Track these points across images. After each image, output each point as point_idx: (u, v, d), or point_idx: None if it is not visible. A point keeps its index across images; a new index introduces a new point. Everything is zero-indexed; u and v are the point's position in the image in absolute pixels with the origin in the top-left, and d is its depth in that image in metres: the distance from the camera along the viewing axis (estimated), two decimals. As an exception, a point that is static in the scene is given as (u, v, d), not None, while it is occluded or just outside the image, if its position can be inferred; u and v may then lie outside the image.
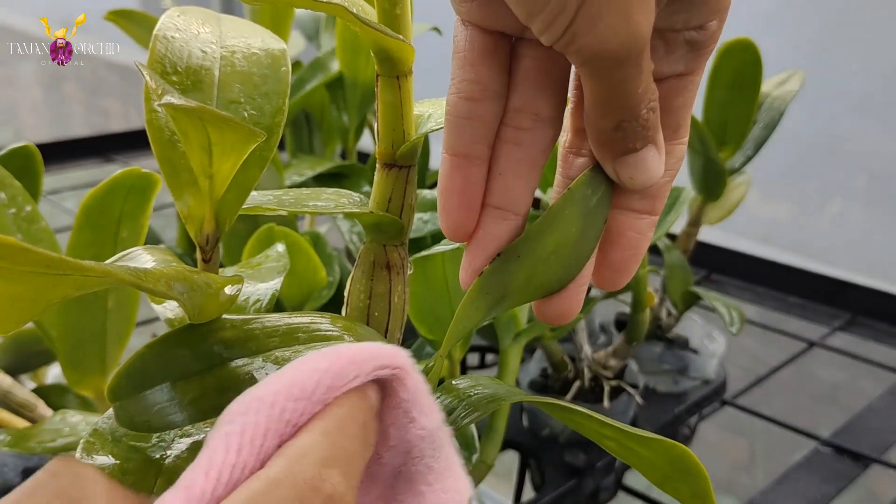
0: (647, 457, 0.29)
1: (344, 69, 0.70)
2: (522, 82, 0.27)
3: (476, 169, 0.27)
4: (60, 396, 0.50)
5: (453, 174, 0.27)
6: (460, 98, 0.27)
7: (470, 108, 0.27)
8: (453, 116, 0.27)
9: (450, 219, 0.27)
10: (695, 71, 0.26)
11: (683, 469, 0.29)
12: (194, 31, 0.30)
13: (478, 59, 0.26)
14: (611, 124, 0.25)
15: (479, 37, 0.26)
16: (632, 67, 0.24)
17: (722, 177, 0.68)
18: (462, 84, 0.27)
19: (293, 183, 0.65)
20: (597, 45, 0.23)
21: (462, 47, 0.27)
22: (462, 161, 0.27)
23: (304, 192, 0.31)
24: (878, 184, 1.09)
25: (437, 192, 0.28)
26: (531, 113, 0.27)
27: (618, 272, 0.28)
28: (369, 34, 0.26)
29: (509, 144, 0.27)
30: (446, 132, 0.27)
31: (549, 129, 0.27)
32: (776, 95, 0.69)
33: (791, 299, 0.89)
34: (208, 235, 0.28)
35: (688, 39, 0.25)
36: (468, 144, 0.27)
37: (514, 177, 0.27)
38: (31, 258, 0.18)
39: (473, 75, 0.26)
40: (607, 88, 0.24)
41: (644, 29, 0.23)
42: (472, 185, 0.27)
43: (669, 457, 0.29)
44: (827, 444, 0.63)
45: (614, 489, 0.64)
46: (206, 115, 0.24)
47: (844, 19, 1.07)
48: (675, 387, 0.70)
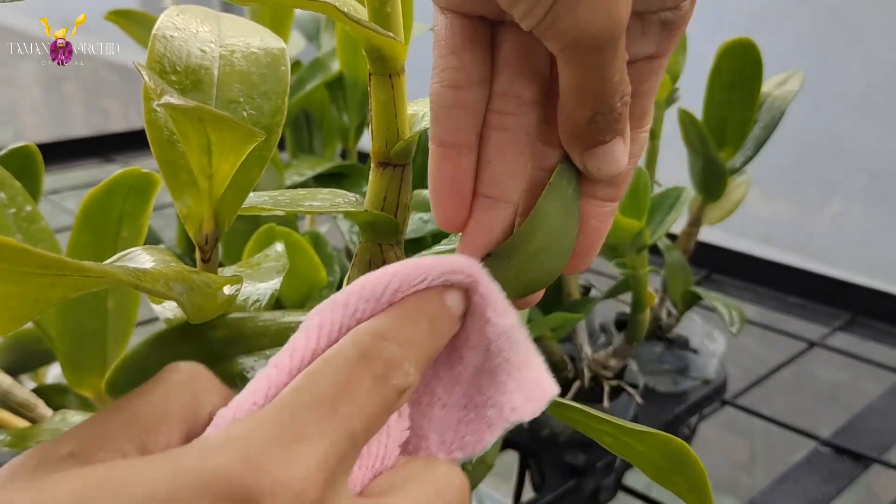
0: (643, 451, 0.30)
1: (344, 69, 0.70)
2: (504, 67, 0.27)
3: (465, 158, 0.27)
4: (60, 396, 0.50)
5: (443, 164, 0.27)
6: (444, 87, 0.27)
7: (455, 97, 0.27)
8: (438, 106, 0.27)
9: (442, 210, 0.27)
10: (664, 53, 0.27)
11: (680, 462, 0.29)
12: (193, 31, 0.30)
13: (459, 46, 0.26)
14: (585, 116, 0.25)
15: (458, 23, 0.26)
16: (610, 53, 0.24)
17: (722, 177, 0.68)
18: (445, 72, 0.26)
19: (293, 183, 0.65)
20: (576, 30, 0.23)
21: (442, 35, 0.27)
22: (450, 151, 0.27)
23: (299, 193, 0.31)
24: (878, 184, 1.09)
25: (429, 183, 0.28)
26: (514, 96, 0.27)
27: (581, 257, 0.28)
28: (360, 33, 0.26)
29: (495, 131, 0.27)
30: (432, 122, 0.27)
31: (532, 113, 0.27)
32: (776, 95, 0.69)
33: (791, 299, 0.89)
34: (207, 235, 0.28)
35: (662, 20, 0.26)
36: (455, 133, 0.27)
37: (501, 163, 0.27)
38: (30, 259, 0.18)
39: (456, 62, 0.26)
40: (584, 76, 0.24)
41: (623, 14, 0.23)
42: (461, 175, 0.27)
43: (666, 451, 0.29)
44: (827, 444, 0.63)
45: (614, 489, 0.64)
46: (206, 115, 0.24)
47: (844, 19, 1.07)
48: (675, 387, 0.70)
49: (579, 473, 0.59)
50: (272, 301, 0.32)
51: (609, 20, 0.23)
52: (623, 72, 0.25)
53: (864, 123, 1.08)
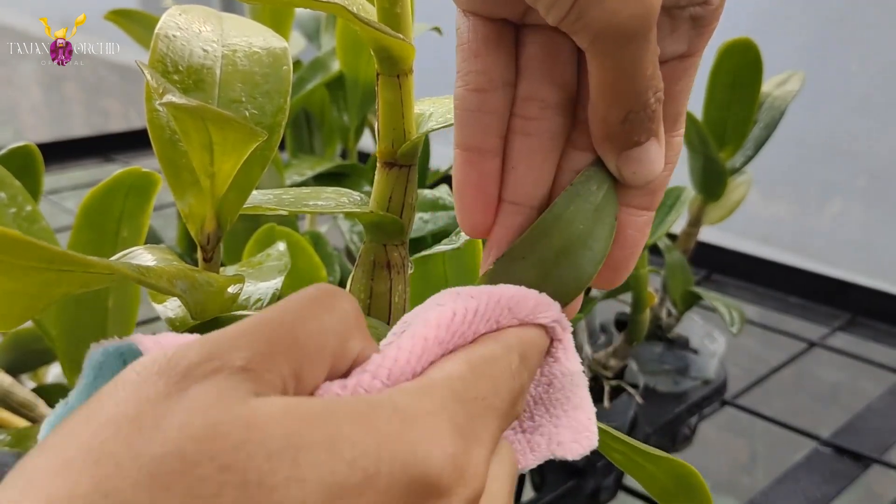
0: (652, 472, 0.30)
1: (344, 69, 0.70)
2: (528, 70, 0.26)
3: (490, 163, 0.26)
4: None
5: (467, 169, 0.26)
6: (468, 90, 0.26)
7: (479, 100, 0.26)
8: (462, 110, 0.26)
9: (468, 215, 0.27)
10: (696, 52, 0.26)
11: (688, 487, 0.29)
12: (196, 30, 0.30)
13: (483, 49, 0.26)
14: (619, 115, 0.24)
15: (481, 26, 0.26)
16: (642, 45, 0.23)
17: (722, 177, 0.68)
18: (469, 76, 0.26)
19: (293, 182, 0.65)
20: (605, 20, 0.22)
21: (466, 38, 0.26)
22: (475, 156, 0.26)
23: (303, 192, 0.31)
24: (878, 184, 1.09)
25: (453, 188, 0.27)
26: (538, 101, 0.26)
27: (616, 271, 0.27)
28: (369, 33, 0.26)
29: (519, 136, 0.26)
30: (456, 126, 0.27)
31: (557, 117, 0.26)
32: (776, 95, 0.69)
33: (791, 299, 0.89)
34: (209, 234, 0.28)
35: (692, 15, 0.25)
36: (480, 137, 0.26)
37: (526, 169, 0.26)
38: (34, 253, 0.18)
39: (480, 66, 0.26)
40: (616, 70, 0.23)
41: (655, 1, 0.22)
42: (487, 180, 0.26)
43: (674, 474, 0.29)
44: (827, 444, 0.63)
45: (614, 489, 0.64)
46: (208, 115, 0.24)
47: (844, 19, 1.07)
48: (676, 387, 0.70)
49: (579, 473, 0.59)
50: (274, 300, 0.32)
51: (639, 7, 0.22)
52: (656, 65, 0.24)
53: (864, 123, 1.08)
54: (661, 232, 0.59)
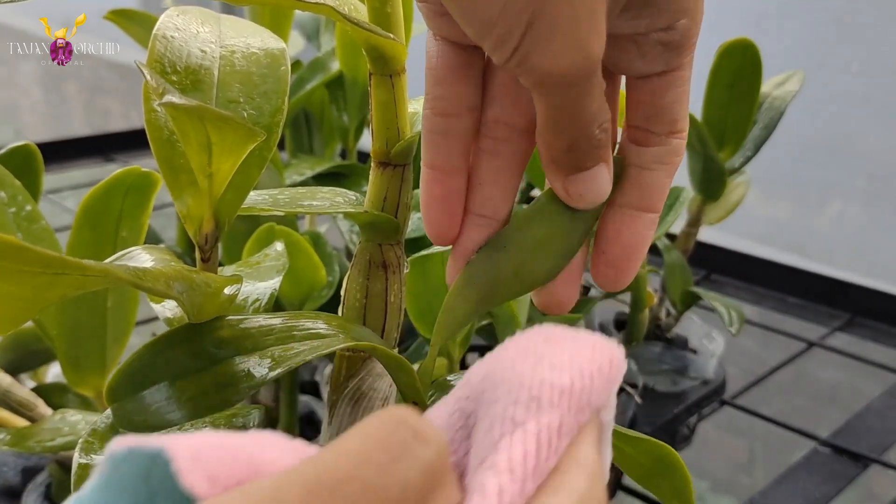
0: (631, 454, 0.30)
1: (344, 69, 0.70)
2: (497, 94, 0.27)
3: (455, 180, 0.27)
4: (60, 395, 0.50)
5: (433, 186, 0.28)
6: (434, 114, 0.27)
7: (444, 124, 0.27)
8: (428, 131, 0.27)
9: (432, 227, 0.28)
10: (678, 67, 0.26)
11: (666, 466, 0.30)
12: (194, 31, 0.30)
13: (449, 76, 0.27)
14: (563, 145, 0.25)
15: (451, 52, 0.27)
16: (583, 88, 0.23)
17: (722, 177, 0.68)
18: (435, 101, 0.27)
19: (293, 182, 0.65)
20: (547, 66, 0.23)
21: (434, 63, 0.27)
22: (440, 174, 0.27)
23: (299, 192, 0.31)
24: (878, 184, 1.09)
25: (420, 202, 0.28)
26: (506, 124, 0.27)
27: (617, 270, 0.28)
28: (360, 33, 0.26)
29: (487, 155, 0.27)
30: (423, 146, 0.28)
31: (525, 140, 0.27)
32: (776, 95, 0.69)
33: (790, 299, 0.89)
34: (207, 235, 0.28)
35: (660, 41, 0.25)
36: (444, 158, 0.27)
37: (493, 186, 0.27)
38: (29, 257, 0.18)
39: (445, 91, 0.27)
40: (559, 109, 0.24)
41: (595, 49, 0.23)
42: (452, 196, 0.28)
43: (653, 455, 0.29)
44: (826, 444, 0.63)
45: (613, 489, 0.64)
46: (206, 115, 0.24)
47: (844, 19, 1.07)
48: (675, 387, 0.70)
49: (578, 473, 0.59)
50: (272, 300, 0.32)
51: (579, 56, 0.23)
52: (601, 101, 0.24)
53: (864, 123, 1.08)
54: (660, 232, 0.59)
